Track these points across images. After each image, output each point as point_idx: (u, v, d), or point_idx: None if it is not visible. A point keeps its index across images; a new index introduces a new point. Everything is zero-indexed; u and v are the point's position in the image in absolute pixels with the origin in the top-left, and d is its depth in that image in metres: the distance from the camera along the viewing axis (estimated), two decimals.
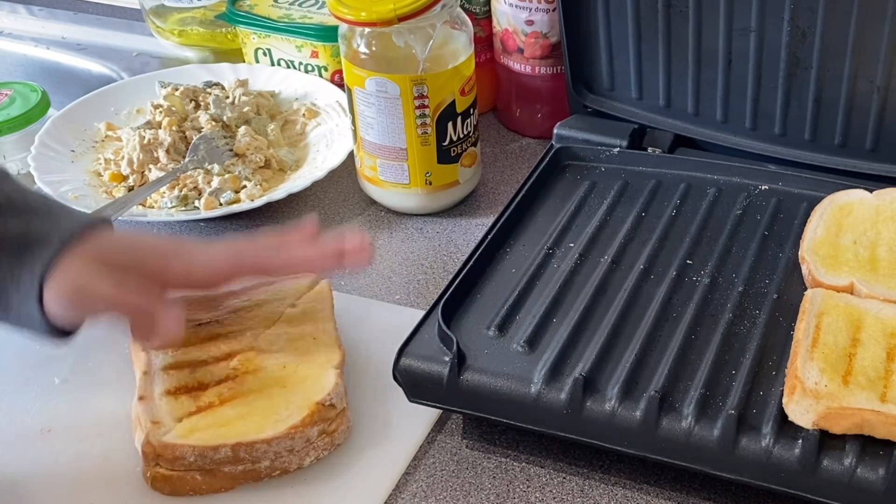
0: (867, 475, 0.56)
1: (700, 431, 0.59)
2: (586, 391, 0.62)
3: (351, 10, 0.80)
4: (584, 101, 0.90)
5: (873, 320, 0.63)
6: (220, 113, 0.98)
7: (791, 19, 0.77)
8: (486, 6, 0.97)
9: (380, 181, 0.88)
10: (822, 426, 0.57)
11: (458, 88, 0.84)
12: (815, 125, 0.81)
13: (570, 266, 0.72)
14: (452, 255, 0.85)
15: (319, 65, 1.05)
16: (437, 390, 0.65)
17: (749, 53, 0.80)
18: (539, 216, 0.79)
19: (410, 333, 0.67)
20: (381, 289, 0.81)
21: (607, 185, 0.81)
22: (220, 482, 0.63)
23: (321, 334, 0.70)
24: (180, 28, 1.19)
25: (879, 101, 0.77)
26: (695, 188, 0.80)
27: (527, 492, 0.64)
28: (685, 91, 0.85)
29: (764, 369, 0.63)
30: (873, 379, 0.59)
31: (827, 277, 0.68)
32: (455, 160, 0.87)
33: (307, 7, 1.08)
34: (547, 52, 0.94)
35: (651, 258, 0.73)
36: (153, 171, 0.93)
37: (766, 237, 0.74)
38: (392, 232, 0.88)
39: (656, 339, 0.66)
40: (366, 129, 0.86)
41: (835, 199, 0.74)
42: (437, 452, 0.67)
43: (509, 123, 1.02)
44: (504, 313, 0.68)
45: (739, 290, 0.69)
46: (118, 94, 1.04)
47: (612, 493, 0.63)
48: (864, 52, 0.75)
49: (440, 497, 0.64)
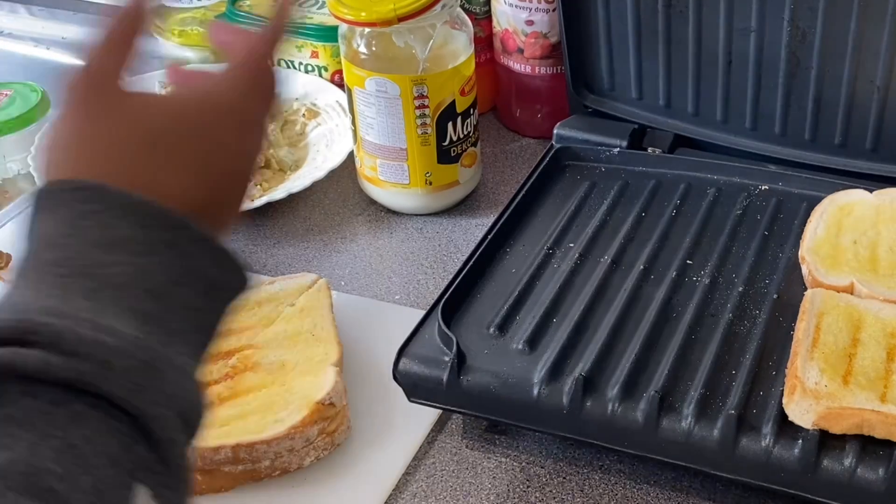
0: (867, 475, 0.56)
1: (700, 431, 0.59)
2: (586, 391, 0.62)
3: (351, 10, 0.80)
4: (584, 101, 0.90)
5: (873, 320, 0.63)
6: None
7: (791, 19, 0.77)
8: (486, 6, 0.97)
9: (380, 181, 0.88)
10: (822, 426, 0.57)
11: (458, 88, 0.84)
12: (815, 125, 0.81)
13: (570, 266, 0.72)
14: (452, 255, 0.85)
15: (319, 65, 1.05)
16: (437, 390, 0.65)
17: (749, 53, 0.80)
18: (539, 216, 0.79)
19: (410, 333, 0.67)
20: (381, 289, 0.81)
21: (607, 186, 0.81)
22: (220, 482, 0.63)
23: (319, 331, 0.70)
24: (180, 28, 1.19)
25: (879, 101, 0.77)
26: (695, 188, 0.80)
27: (527, 492, 0.64)
28: (685, 91, 0.85)
29: (764, 369, 0.63)
30: (873, 379, 0.59)
31: (827, 277, 0.68)
32: (455, 160, 0.87)
33: (307, 7, 1.08)
34: (547, 52, 0.94)
35: (651, 258, 0.73)
36: None
37: (766, 237, 0.74)
38: (392, 232, 0.88)
39: (656, 339, 0.66)
40: (366, 129, 0.86)
41: (835, 199, 0.74)
42: (437, 452, 0.67)
43: (509, 123, 1.02)
44: (504, 313, 0.68)
45: (739, 290, 0.69)
46: None
47: (612, 493, 0.63)
48: (864, 52, 0.75)
49: (440, 497, 0.64)
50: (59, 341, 0.37)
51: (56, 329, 0.38)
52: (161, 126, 0.46)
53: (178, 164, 0.45)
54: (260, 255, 0.86)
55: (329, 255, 0.86)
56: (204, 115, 0.48)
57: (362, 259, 0.85)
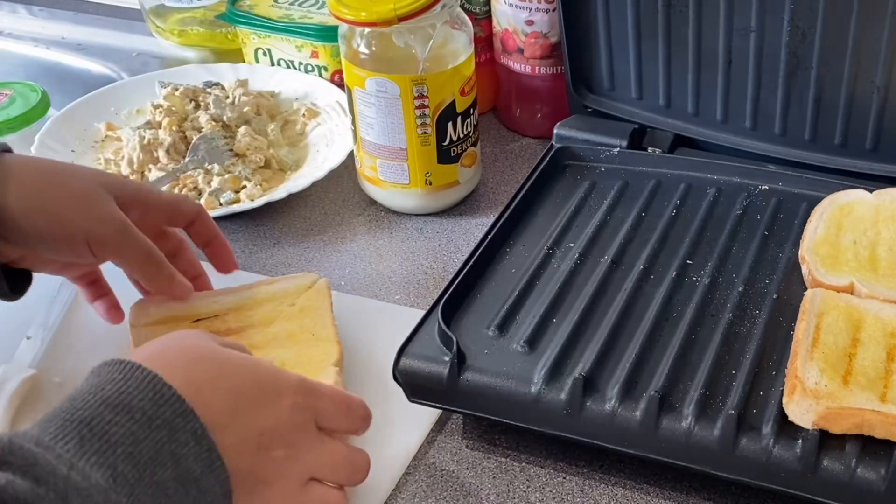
0: (867, 475, 0.56)
1: (700, 431, 0.59)
2: (586, 391, 0.62)
3: (351, 10, 0.80)
4: (584, 101, 0.90)
5: (873, 320, 0.63)
6: (220, 113, 0.98)
7: (791, 19, 0.77)
8: (486, 6, 0.97)
9: (380, 181, 0.88)
10: (822, 426, 0.57)
11: (458, 88, 0.84)
12: (815, 125, 0.81)
13: (570, 266, 0.72)
14: (452, 255, 0.85)
15: (319, 65, 1.05)
16: (437, 390, 0.65)
17: (749, 53, 0.80)
18: (539, 216, 0.79)
19: (410, 333, 0.67)
20: (381, 289, 0.81)
21: (607, 185, 0.81)
22: None
23: (319, 330, 0.70)
24: (180, 28, 1.19)
25: (879, 101, 0.77)
26: (695, 188, 0.80)
27: (527, 492, 0.64)
28: (685, 91, 0.85)
29: (764, 369, 0.63)
30: (873, 379, 0.59)
31: (827, 277, 0.68)
32: (455, 160, 0.87)
33: (307, 7, 1.08)
34: (547, 52, 0.94)
35: (651, 258, 0.73)
36: (153, 171, 0.93)
37: (766, 237, 0.74)
38: (392, 232, 0.88)
39: (656, 339, 0.66)
40: (366, 129, 0.86)
41: (835, 199, 0.74)
42: (437, 452, 0.67)
43: (509, 123, 1.02)
44: (504, 313, 0.68)
45: (739, 290, 0.69)
46: (118, 94, 1.04)
47: (612, 493, 0.63)
48: (864, 52, 0.75)
49: (440, 497, 0.64)
50: (32, 467, 0.43)
51: (33, 456, 0.43)
52: (228, 361, 0.54)
53: (222, 387, 0.52)
54: (260, 255, 0.86)
55: (329, 255, 0.86)
56: (266, 378, 0.55)
57: (362, 259, 0.85)
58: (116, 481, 0.45)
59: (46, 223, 0.65)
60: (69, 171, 0.70)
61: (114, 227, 0.66)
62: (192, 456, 0.48)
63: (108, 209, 0.67)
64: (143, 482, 0.46)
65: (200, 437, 0.49)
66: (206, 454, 0.49)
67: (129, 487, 0.45)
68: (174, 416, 0.48)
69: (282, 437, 0.54)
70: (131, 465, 0.46)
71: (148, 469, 0.46)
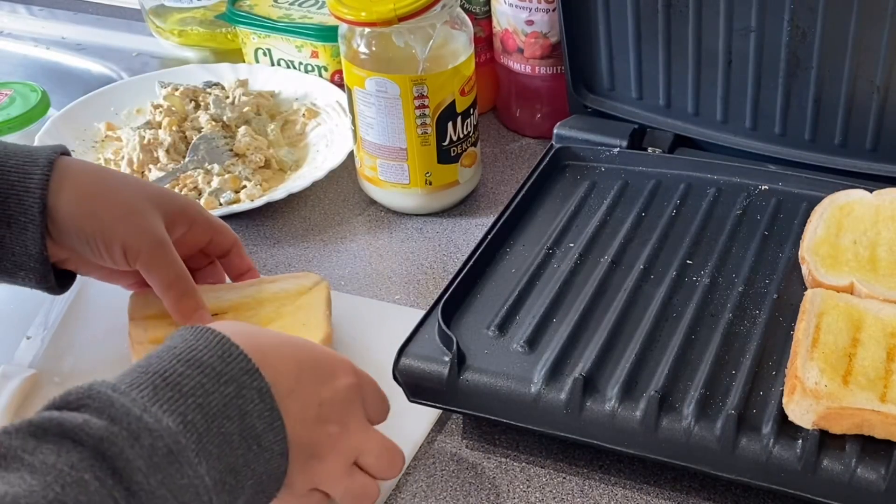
0: (867, 475, 0.56)
1: (700, 431, 0.59)
2: (586, 391, 0.62)
3: (351, 10, 0.80)
4: (584, 101, 0.90)
5: (873, 320, 0.63)
6: (220, 113, 0.98)
7: (791, 19, 0.77)
8: (486, 6, 0.97)
9: (380, 181, 0.88)
10: (822, 426, 0.57)
11: (458, 88, 0.84)
12: (815, 125, 0.81)
13: (570, 266, 0.72)
14: (452, 255, 0.85)
15: (319, 65, 1.05)
16: (437, 390, 0.65)
17: (749, 53, 0.80)
18: (539, 216, 0.79)
19: (410, 333, 0.67)
20: (381, 289, 0.81)
21: (607, 185, 0.81)
22: None
23: (310, 320, 0.70)
24: (180, 28, 1.19)
25: (879, 101, 0.77)
26: (695, 188, 0.80)
27: (527, 492, 0.64)
28: (685, 91, 0.85)
29: (764, 369, 0.63)
30: (873, 379, 0.59)
31: (827, 277, 0.68)
32: (455, 160, 0.87)
33: (307, 7, 1.08)
34: (547, 52, 0.94)
35: (651, 258, 0.73)
36: (153, 171, 0.93)
37: (766, 237, 0.74)
38: (392, 232, 0.88)
39: (656, 339, 0.66)
40: (366, 129, 0.86)
41: (835, 199, 0.74)
42: (437, 452, 0.67)
43: (509, 123, 1.02)
44: (504, 313, 0.68)
45: (739, 290, 0.69)
46: (118, 94, 1.04)
47: (612, 493, 0.63)
48: (864, 52, 0.75)
49: (440, 497, 0.64)
50: (108, 408, 0.46)
51: (109, 399, 0.46)
52: (286, 337, 0.58)
53: (286, 355, 0.55)
54: (260, 255, 0.86)
55: (329, 255, 0.86)
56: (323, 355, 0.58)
57: (362, 259, 0.85)
58: (186, 428, 0.48)
59: (90, 227, 0.66)
60: (122, 180, 0.71)
61: (149, 242, 0.68)
62: (255, 413, 0.51)
63: (149, 223, 0.68)
64: (210, 432, 0.48)
65: (264, 395, 0.51)
66: (268, 413, 0.51)
67: (197, 435, 0.48)
68: (241, 374, 0.51)
69: (337, 413, 0.56)
70: (201, 415, 0.48)
71: (216, 420, 0.49)
